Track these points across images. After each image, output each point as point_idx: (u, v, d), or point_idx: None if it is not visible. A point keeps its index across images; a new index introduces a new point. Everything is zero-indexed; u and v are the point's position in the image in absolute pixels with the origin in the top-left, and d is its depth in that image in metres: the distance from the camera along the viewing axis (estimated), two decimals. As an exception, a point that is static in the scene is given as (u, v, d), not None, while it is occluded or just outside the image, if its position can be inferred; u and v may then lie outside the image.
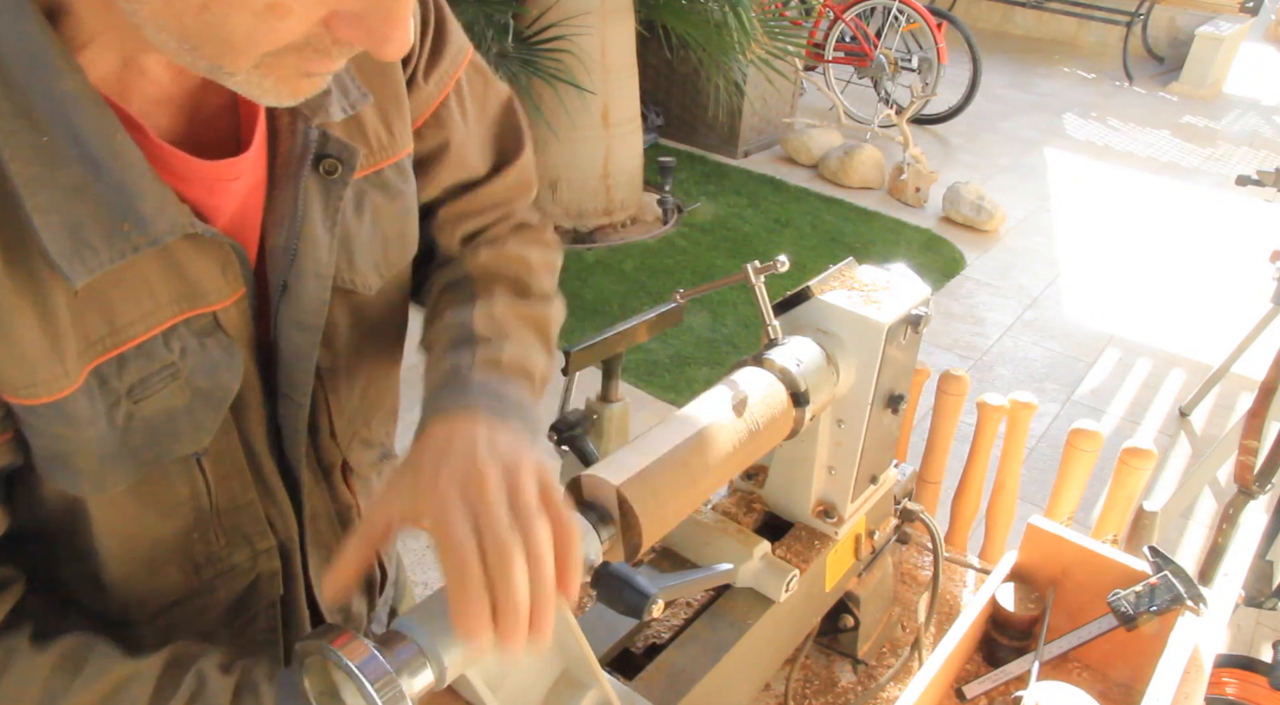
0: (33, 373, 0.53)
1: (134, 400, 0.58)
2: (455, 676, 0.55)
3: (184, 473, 0.65)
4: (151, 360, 0.58)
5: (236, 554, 0.73)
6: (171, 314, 0.59)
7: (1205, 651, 1.00)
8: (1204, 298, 4.11)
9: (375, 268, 0.73)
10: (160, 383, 0.59)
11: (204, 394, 0.62)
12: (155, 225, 0.55)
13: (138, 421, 0.59)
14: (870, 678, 1.03)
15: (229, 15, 0.46)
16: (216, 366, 0.62)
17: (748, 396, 0.78)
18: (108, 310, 0.56)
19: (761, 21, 3.98)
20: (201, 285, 0.60)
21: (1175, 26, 8.01)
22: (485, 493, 0.55)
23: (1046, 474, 2.89)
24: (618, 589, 0.60)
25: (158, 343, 0.59)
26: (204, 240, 0.59)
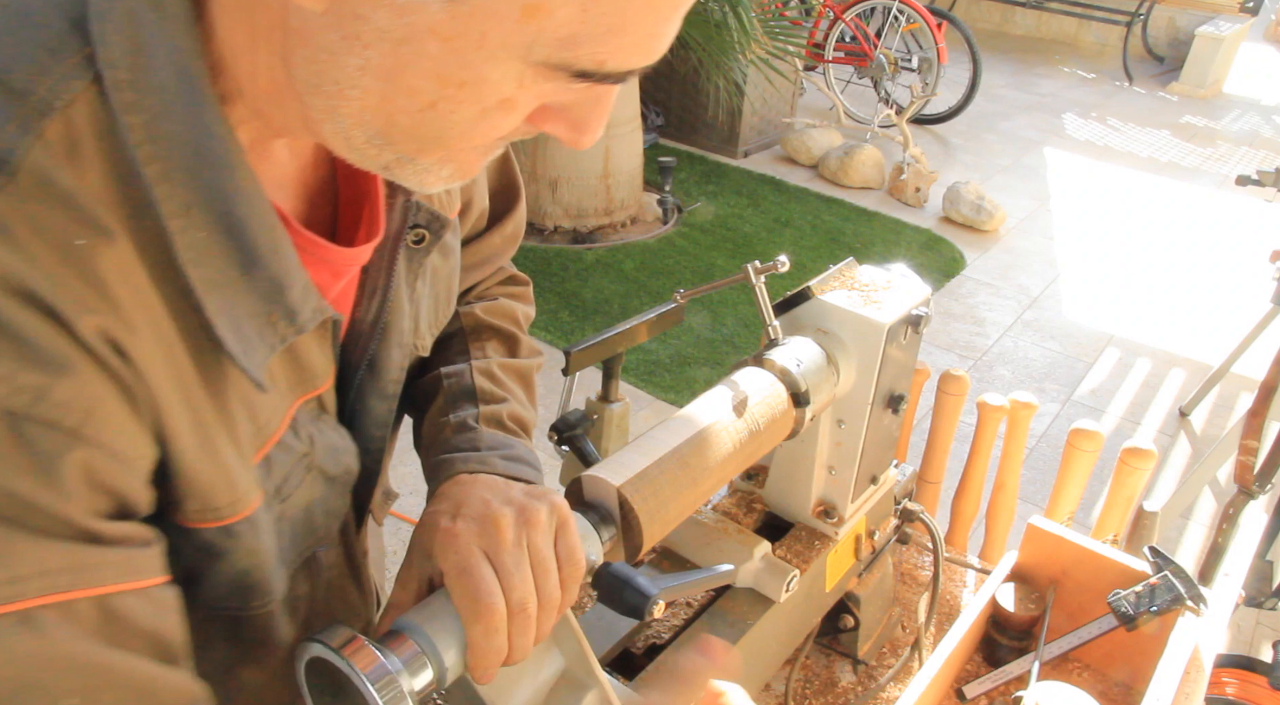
0: (233, 489, 0.51)
1: (281, 499, 0.56)
2: (455, 677, 0.55)
3: (307, 571, 0.63)
4: (290, 454, 0.56)
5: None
6: (290, 401, 0.56)
7: (1205, 651, 1.00)
8: (1204, 298, 4.11)
9: (429, 328, 0.72)
10: (299, 476, 0.57)
11: (331, 480, 0.60)
12: (302, 314, 0.52)
13: (285, 523, 0.57)
14: (870, 678, 1.03)
15: (455, 112, 0.44)
16: (337, 449, 0.60)
17: (748, 397, 0.78)
18: (253, 415, 0.53)
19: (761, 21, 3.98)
20: (313, 368, 0.58)
21: (1175, 26, 8.01)
22: (502, 543, 0.55)
23: (1046, 474, 2.89)
24: (618, 590, 0.60)
25: (290, 435, 0.56)
26: (318, 328, 0.56)
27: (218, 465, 0.49)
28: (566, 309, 3.52)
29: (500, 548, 0.55)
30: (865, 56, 5.57)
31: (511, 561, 0.55)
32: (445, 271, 0.72)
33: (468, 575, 0.54)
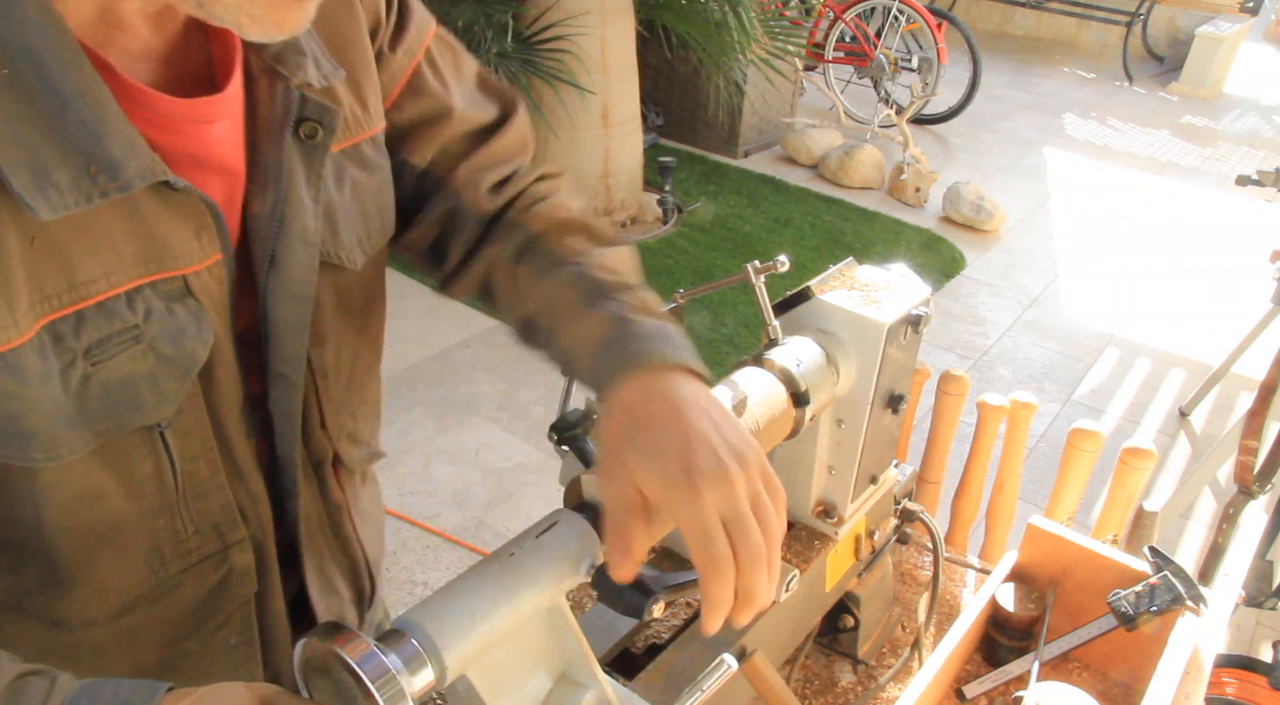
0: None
1: (91, 362, 0.56)
2: (456, 676, 0.55)
3: (146, 445, 0.62)
4: (112, 321, 0.56)
5: (205, 545, 0.69)
6: (137, 275, 0.56)
7: (1205, 651, 1.00)
8: (1204, 298, 4.11)
9: (359, 242, 0.72)
10: (121, 346, 0.56)
11: (168, 360, 0.59)
12: (125, 169, 0.52)
13: (95, 385, 0.56)
14: (870, 678, 1.03)
15: None
16: (183, 332, 0.59)
17: (748, 397, 0.78)
18: (67, 264, 0.53)
19: (761, 21, 3.98)
20: (172, 247, 0.58)
21: (1175, 26, 8.01)
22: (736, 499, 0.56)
23: (1046, 474, 2.89)
24: (618, 590, 0.60)
25: (120, 303, 0.56)
26: (176, 197, 0.57)
27: None
28: (566, 309, 3.52)
29: (735, 504, 0.56)
30: (865, 56, 5.56)
31: (746, 520, 0.56)
32: (372, 186, 0.72)
33: (709, 540, 0.55)
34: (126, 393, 0.58)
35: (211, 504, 0.68)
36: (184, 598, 0.71)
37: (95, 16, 0.54)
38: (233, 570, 0.72)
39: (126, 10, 0.55)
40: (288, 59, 0.62)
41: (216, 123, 0.60)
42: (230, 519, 0.70)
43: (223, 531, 0.70)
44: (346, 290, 0.73)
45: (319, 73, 0.64)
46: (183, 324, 0.59)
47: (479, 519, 2.57)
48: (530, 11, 3.72)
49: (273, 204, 0.63)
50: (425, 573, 2.38)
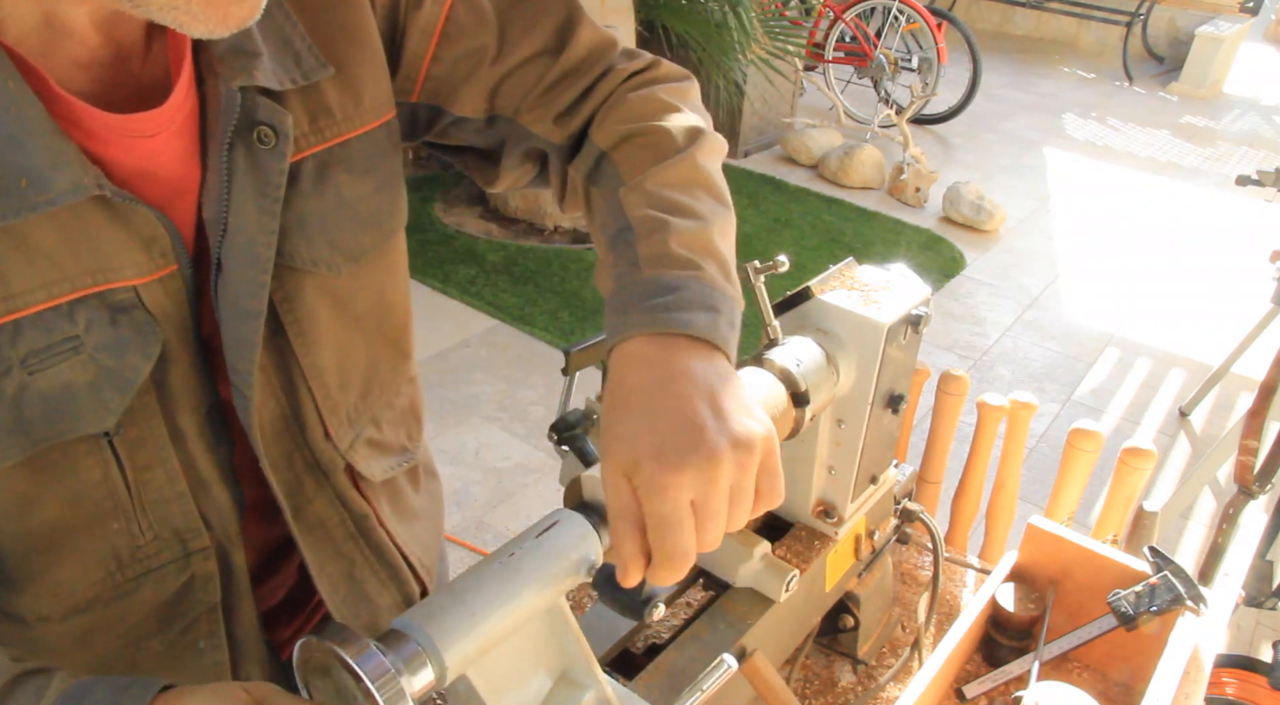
0: None
1: (28, 371, 0.55)
2: (456, 676, 0.55)
3: (93, 454, 0.60)
4: (50, 332, 0.55)
5: (165, 552, 0.68)
6: (81, 286, 0.55)
7: (1205, 651, 1.00)
8: (1204, 298, 4.11)
9: (342, 248, 0.68)
10: (60, 356, 0.55)
11: (110, 371, 0.58)
12: (55, 184, 0.52)
13: (32, 394, 0.55)
14: (870, 678, 1.03)
15: None
16: (125, 345, 0.58)
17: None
18: (2, 275, 0.53)
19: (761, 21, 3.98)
20: (117, 258, 0.56)
21: (1175, 26, 8.01)
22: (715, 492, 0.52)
23: (1046, 474, 2.89)
24: (619, 591, 0.60)
25: (60, 314, 0.55)
26: (122, 208, 0.56)
27: None
28: (566, 309, 3.52)
29: (712, 497, 0.52)
30: (865, 56, 5.56)
31: (717, 508, 0.52)
32: (364, 189, 0.69)
33: (671, 531, 0.51)
34: (65, 403, 0.57)
35: (172, 511, 0.67)
36: (144, 600, 0.69)
37: (39, 22, 0.52)
38: (195, 577, 0.70)
39: (72, 16, 0.53)
40: (231, 60, 0.59)
41: (158, 136, 0.58)
42: (193, 527, 0.68)
43: (185, 539, 0.68)
44: (344, 294, 0.70)
45: (297, 71, 0.62)
46: (125, 336, 0.58)
47: (479, 519, 2.57)
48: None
49: (218, 212, 0.61)
50: (425, 573, 2.38)
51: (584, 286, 3.69)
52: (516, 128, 0.74)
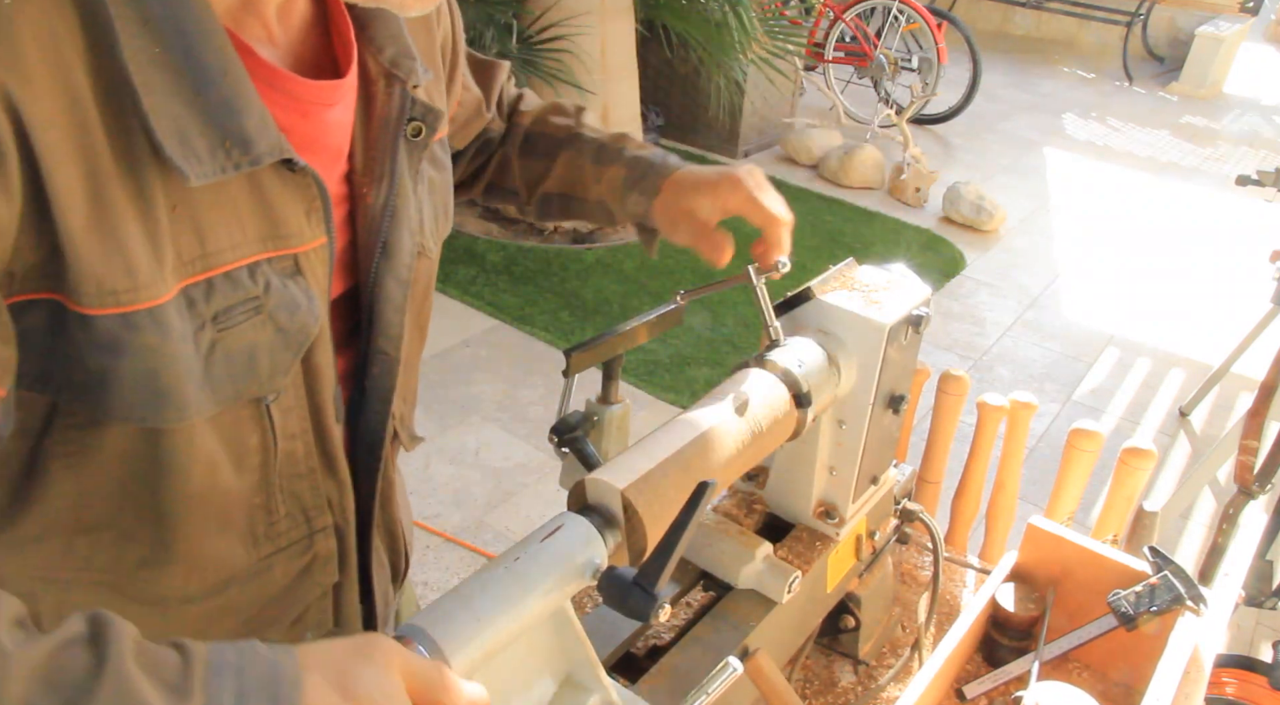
0: (134, 276, 0.53)
1: (219, 328, 0.59)
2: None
3: (254, 420, 0.65)
4: (237, 290, 0.59)
5: (294, 530, 0.72)
6: (258, 250, 0.60)
7: (1205, 651, 1.00)
8: (1204, 298, 4.11)
9: (434, 233, 0.78)
10: (244, 314, 0.60)
11: (284, 333, 0.62)
12: (256, 145, 0.56)
13: (220, 352, 0.59)
14: (870, 678, 1.04)
15: None
16: (298, 306, 0.63)
17: (750, 398, 0.79)
18: (200, 234, 0.57)
19: (761, 21, 3.98)
20: (287, 226, 0.62)
21: (1175, 26, 8.01)
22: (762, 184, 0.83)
23: (1046, 474, 2.89)
24: (623, 593, 0.60)
25: (244, 274, 0.59)
26: (293, 178, 0.61)
27: (113, 245, 0.52)
28: (566, 309, 3.52)
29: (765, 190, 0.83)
30: (865, 56, 5.57)
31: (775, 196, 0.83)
32: (441, 184, 0.79)
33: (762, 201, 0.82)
34: (246, 362, 0.61)
35: (302, 487, 0.71)
36: (273, 581, 0.73)
37: (237, 3, 0.59)
38: (316, 557, 0.75)
39: (267, 8, 0.60)
40: (402, 63, 0.68)
41: (335, 107, 0.65)
42: (318, 504, 0.73)
43: (310, 517, 0.73)
44: (417, 277, 0.77)
45: (423, 77, 0.70)
46: (296, 298, 0.63)
47: (479, 519, 2.57)
48: (531, 11, 3.73)
49: (386, 196, 0.69)
50: (425, 573, 2.38)
51: (584, 286, 3.70)
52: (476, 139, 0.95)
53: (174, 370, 0.57)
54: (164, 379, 0.57)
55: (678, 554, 0.61)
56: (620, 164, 0.90)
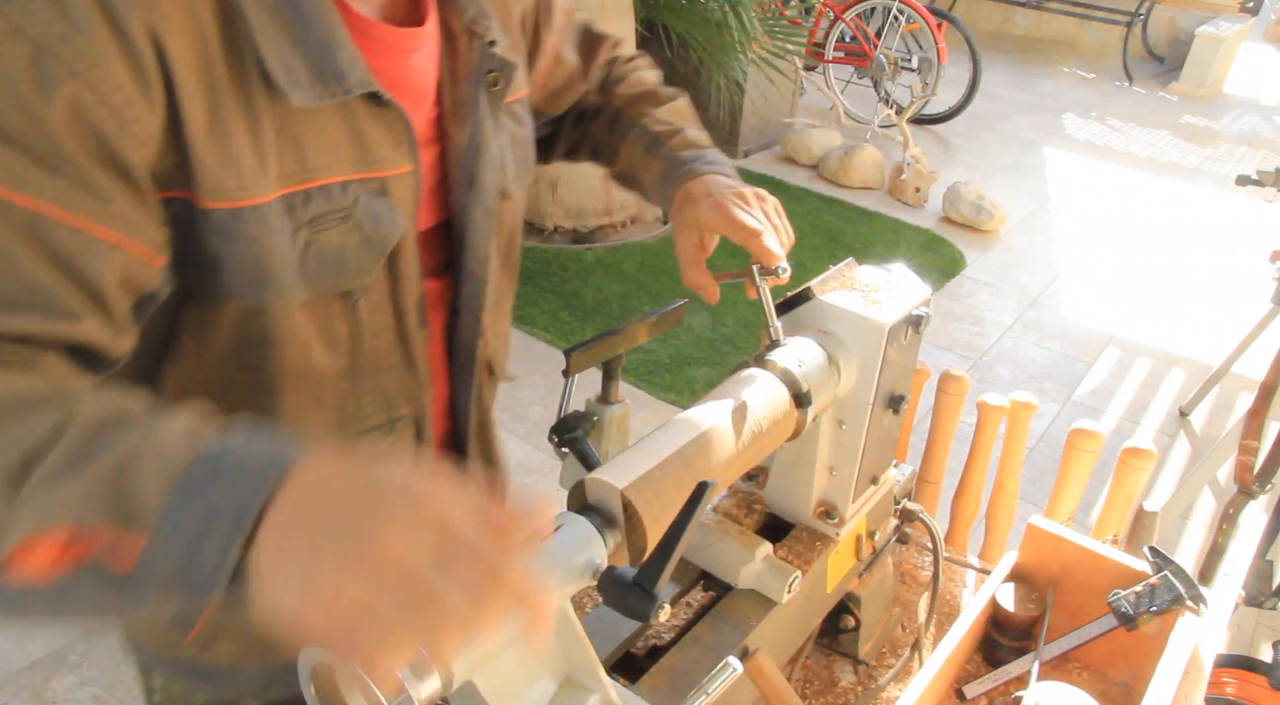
0: (241, 177, 0.64)
1: (313, 230, 0.69)
2: (462, 682, 0.55)
3: (344, 313, 0.75)
4: (330, 201, 0.70)
5: (376, 415, 0.81)
6: (350, 171, 0.70)
7: (1205, 651, 1.00)
8: (1204, 298, 4.11)
9: (517, 178, 0.89)
10: (334, 221, 0.70)
11: (369, 239, 0.73)
12: (349, 78, 0.67)
13: (313, 249, 0.70)
14: (870, 678, 1.04)
15: None
16: (381, 218, 0.73)
17: (750, 398, 0.79)
18: (300, 152, 0.67)
19: (761, 21, 3.98)
20: (376, 153, 0.72)
21: (1175, 26, 8.01)
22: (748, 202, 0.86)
23: (1046, 474, 2.89)
24: (623, 593, 0.60)
25: (336, 189, 0.70)
26: (381, 113, 0.71)
27: (227, 155, 0.63)
28: (566, 309, 3.52)
29: (748, 204, 0.85)
30: (865, 56, 5.57)
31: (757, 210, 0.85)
32: (521, 138, 0.90)
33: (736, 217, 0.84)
34: (336, 259, 0.72)
35: (385, 379, 0.81)
36: None
37: None
38: (397, 442, 0.84)
39: None
40: (480, 22, 0.80)
41: (417, 52, 0.75)
42: (399, 395, 0.82)
43: (391, 405, 0.82)
44: (502, 218, 0.88)
45: (501, 37, 0.81)
46: (380, 212, 0.73)
47: (480, 519, 2.57)
48: (530, 12, 3.72)
49: (470, 135, 0.80)
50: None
51: (584, 286, 3.70)
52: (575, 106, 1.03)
53: (273, 259, 0.67)
54: (265, 266, 0.67)
55: (678, 554, 0.61)
56: (659, 159, 0.95)
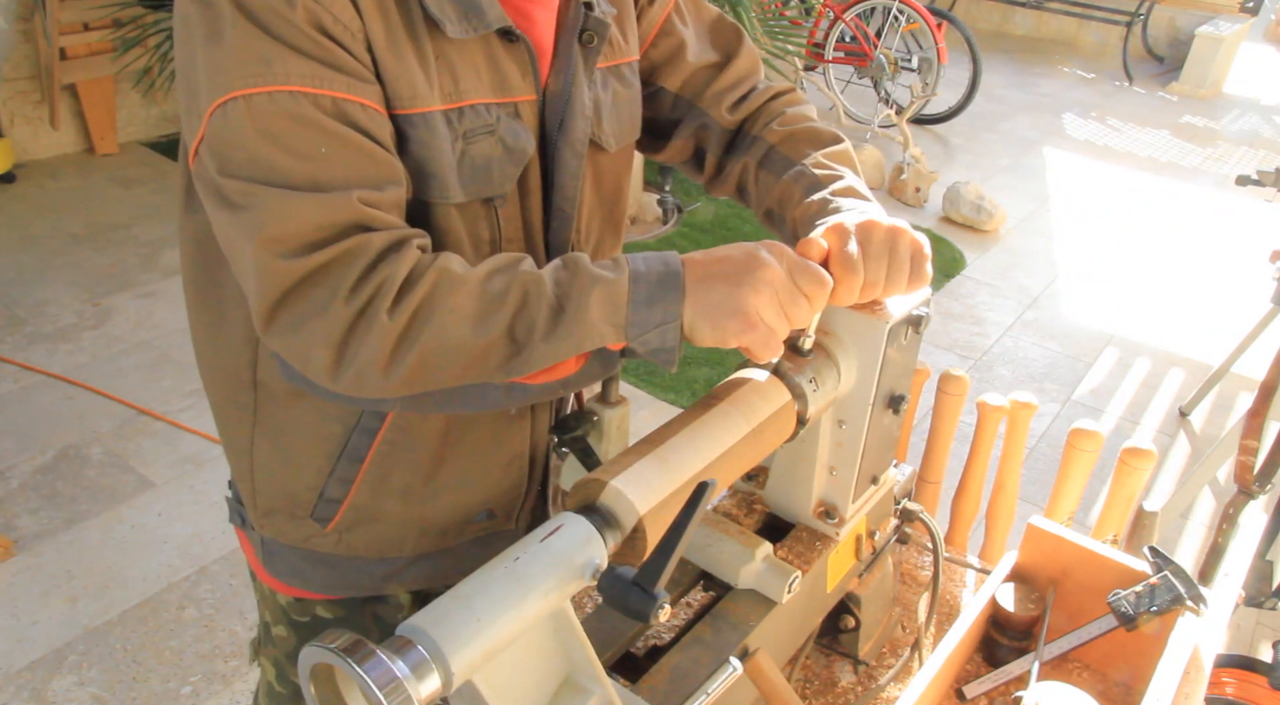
0: (414, 90, 0.77)
1: (466, 142, 0.81)
2: (462, 682, 0.55)
3: (487, 217, 0.85)
4: (478, 118, 0.81)
5: None
6: (492, 95, 0.82)
7: (1205, 651, 1.00)
8: (1204, 298, 4.11)
9: (615, 134, 0.95)
10: (482, 134, 0.82)
11: (509, 149, 0.84)
12: (488, 15, 0.78)
13: (467, 157, 0.81)
14: (870, 678, 1.04)
15: None
16: (519, 134, 0.84)
17: (750, 398, 0.79)
18: (454, 77, 0.79)
19: (761, 21, 3.98)
20: (510, 79, 0.83)
21: (1175, 26, 8.01)
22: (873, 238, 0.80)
23: (1046, 474, 2.89)
24: (624, 593, 0.60)
25: (482, 109, 0.82)
26: (512, 48, 0.83)
27: (401, 70, 0.76)
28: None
29: (871, 240, 0.80)
30: (865, 56, 5.57)
31: (875, 251, 0.79)
32: (626, 97, 0.97)
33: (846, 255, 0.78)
34: (485, 166, 0.83)
35: None
36: None
37: None
38: None
39: None
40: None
41: (538, 6, 0.86)
42: None
43: None
44: (600, 171, 0.96)
45: (600, 2, 0.89)
46: (518, 129, 0.84)
47: (480, 519, 2.57)
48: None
49: (563, 83, 0.88)
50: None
51: (584, 287, 3.69)
52: (695, 110, 1.05)
53: (438, 162, 0.79)
54: (430, 166, 0.79)
55: (678, 554, 0.61)
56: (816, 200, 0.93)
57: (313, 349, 0.71)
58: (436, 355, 0.71)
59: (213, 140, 0.71)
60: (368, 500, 0.94)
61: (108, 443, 2.73)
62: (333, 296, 0.70)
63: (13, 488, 2.54)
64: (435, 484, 0.94)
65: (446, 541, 1.00)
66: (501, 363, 0.73)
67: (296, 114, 0.70)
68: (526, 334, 0.72)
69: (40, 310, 3.31)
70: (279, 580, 1.03)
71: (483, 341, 0.72)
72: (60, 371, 3.00)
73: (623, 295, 0.73)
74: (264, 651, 1.14)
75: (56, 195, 4.10)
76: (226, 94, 0.70)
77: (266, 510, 0.97)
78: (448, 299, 0.71)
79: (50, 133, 4.36)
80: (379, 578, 1.01)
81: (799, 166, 0.98)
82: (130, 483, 2.59)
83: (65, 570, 2.30)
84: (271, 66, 0.70)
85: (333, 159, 0.71)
